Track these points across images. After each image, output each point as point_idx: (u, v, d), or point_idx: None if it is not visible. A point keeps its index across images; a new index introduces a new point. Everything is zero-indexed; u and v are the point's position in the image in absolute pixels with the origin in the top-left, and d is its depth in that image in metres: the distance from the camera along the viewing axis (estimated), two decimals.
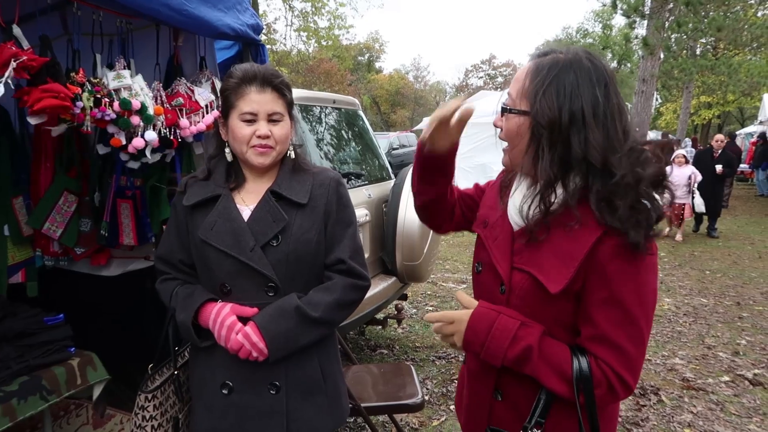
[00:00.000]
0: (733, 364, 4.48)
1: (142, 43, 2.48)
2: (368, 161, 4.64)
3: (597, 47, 37.06)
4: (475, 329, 1.26)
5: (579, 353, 1.21)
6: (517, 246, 1.29)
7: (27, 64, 1.76)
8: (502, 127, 1.30)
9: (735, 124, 36.04)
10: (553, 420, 1.25)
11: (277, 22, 28.29)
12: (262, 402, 1.58)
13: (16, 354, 2.03)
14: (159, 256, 1.74)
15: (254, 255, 1.53)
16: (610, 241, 1.14)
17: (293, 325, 1.53)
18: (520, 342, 1.20)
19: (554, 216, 1.20)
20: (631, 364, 1.17)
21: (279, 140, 1.57)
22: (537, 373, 1.21)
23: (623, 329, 1.16)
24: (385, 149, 15.96)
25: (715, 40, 15.43)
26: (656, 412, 3.67)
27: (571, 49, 1.23)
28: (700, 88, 21.54)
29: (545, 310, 1.24)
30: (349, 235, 1.66)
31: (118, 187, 2.62)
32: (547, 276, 1.20)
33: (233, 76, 1.57)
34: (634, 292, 1.15)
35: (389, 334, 5.07)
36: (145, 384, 1.69)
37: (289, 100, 1.62)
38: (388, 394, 2.70)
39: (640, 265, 1.15)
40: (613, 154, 1.15)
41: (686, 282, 7.13)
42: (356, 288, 1.64)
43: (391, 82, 42.30)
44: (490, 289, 1.35)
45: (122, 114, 2.07)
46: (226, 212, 1.57)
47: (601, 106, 1.16)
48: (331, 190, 1.65)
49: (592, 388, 1.17)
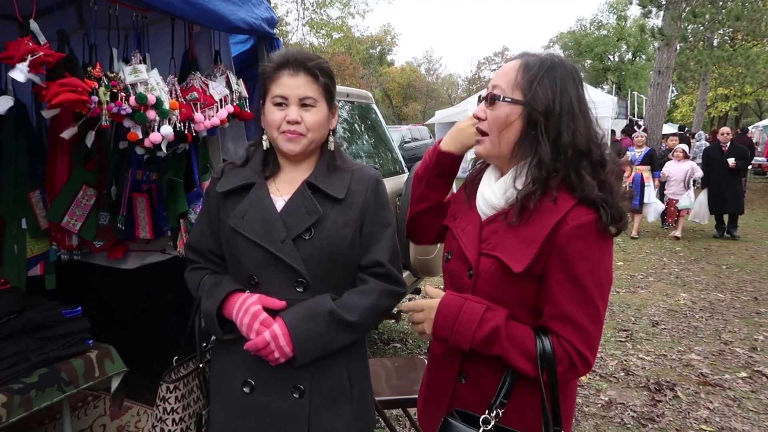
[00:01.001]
0: (750, 360, 4.43)
1: (157, 37, 2.49)
2: (381, 154, 4.63)
3: (612, 39, 36.82)
4: (444, 314, 1.35)
5: (542, 333, 1.30)
6: (485, 234, 1.38)
7: (44, 60, 1.78)
8: (486, 117, 1.37)
9: (753, 116, 35.53)
10: (516, 399, 1.33)
11: (289, 14, 28.24)
12: (284, 405, 1.50)
13: (35, 346, 2.06)
14: (189, 245, 1.69)
15: (285, 247, 1.46)
16: (571, 221, 1.24)
17: (324, 329, 1.44)
18: (487, 323, 1.29)
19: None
20: (589, 341, 1.28)
21: (310, 127, 1.49)
22: (504, 352, 1.29)
23: (581, 308, 1.26)
24: (397, 142, 15.90)
25: (732, 31, 15.17)
26: (672, 408, 3.64)
27: (551, 53, 1.40)
28: (717, 80, 21.22)
29: (510, 293, 1.33)
30: (387, 236, 1.57)
31: (134, 181, 2.64)
32: (512, 258, 1.29)
33: (271, 61, 1.53)
34: (590, 272, 1.25)
35: (402, 328, 5.07)
36: (168, 374, 1.63)
37: (326, 85, 1.52)
38: (402, 387, 2.70)
39: (597, 247, 1.26)
40: (591, 141, 1.31)
41: (702, 277, 7.05)
42: (393, 294, 1.56)
43: (403, 75, 42.10)
44: (459, 274, 1.43)
45: (138, 108, 2.08)
46: (258, 201, 1.51)
47: (582, 101, 1.33)
48: (370, 188, 1.57)
49: (555, 365, 1.27)
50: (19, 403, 1.89)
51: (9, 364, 1.96)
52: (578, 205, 1.26)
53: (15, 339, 2.05)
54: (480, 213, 1.42)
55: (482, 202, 1.42)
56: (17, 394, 1.88)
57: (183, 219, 2.56)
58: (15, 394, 1.88)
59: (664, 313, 5.63)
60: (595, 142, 1.32)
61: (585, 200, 1.25)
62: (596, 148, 1.31)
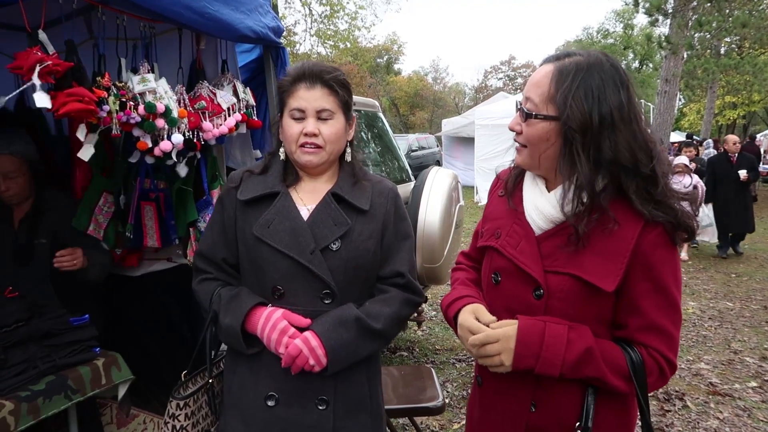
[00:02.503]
0: (760, 370, 4.38)
1: (165, 47, 2.51)
2: (388, 163, 4.64)
3: (618, 47, 36.80)
4: (525, 342, 1.23)
5: (627, 346, 1.25)
6: (545, 250, 1.29)
7: (52, 69, 1.79)
8: (522, 131, 1.29)
9: (761, 124, 35.36)
10: (601, 419, 1.27)
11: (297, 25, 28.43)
12: (309, 417, 1.48)
13: (42, 354, 2.07)
14: (200, 253, 1.64)
15: (314, 258, 1.44)
16: (650, 232, 1.20)
17: (354, 337, 1.44)
18: (576, 345, 1.21)
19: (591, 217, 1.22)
20: (675, 347, 1.26)
21: (328, 140, 1.49)
22: (600, 372, 1.21)
23: (668, 315, 1.23)
24: (404, 151, 15.98)
25: (740, 39, 15.12)
26: (681, 418, 3.60)
27: (590, 52, 1.25)
28: (724, 87, 21.16)
29: (588, 310, 1.26)
30: (407, 248, 1.59)
31: (142, 190, 2.66)
32: (594, 275, 1.22)
33: (289, 74, 1.53)
34: (673, 278, 1.23)
35: (409, 337, 5.05)
36: (177, 390, 1.59)
37: (342, 97, 1.53)
38: (409, 396, 2.69)
39: (675, 254, 1.24)
40: (640, 152, 1.19)
41: (711, 285, 7.00)
42: (412, 304, 1.57)
43: (410, 84, 42.22)
44: (519, 296, 1.32)
45: (147, 117, 2.09)
46: (285, 210, 1.49)
47: (626, 107, 1.19)
48: (390, 201, 1.58)
49: (646, 377, 1.22)
50: (27, 411, 1.89)
51: (16, 371, 1.97)
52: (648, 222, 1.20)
53: (23, 347, 2.06)
54: (534, 227, 1.32)
55: (536, 215, 1.32)
56: (24, 401, 1.89)
57: (192, 228, 2.57)
58: (22, 401, 1.88)
59: None
60: (645, 153, 1.20)
61: (651, 221, 1.20)
62: (646, 160, 1.20)
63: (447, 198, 3.95)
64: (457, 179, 4.39)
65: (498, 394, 1.40)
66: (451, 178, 4.17)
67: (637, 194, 1.20)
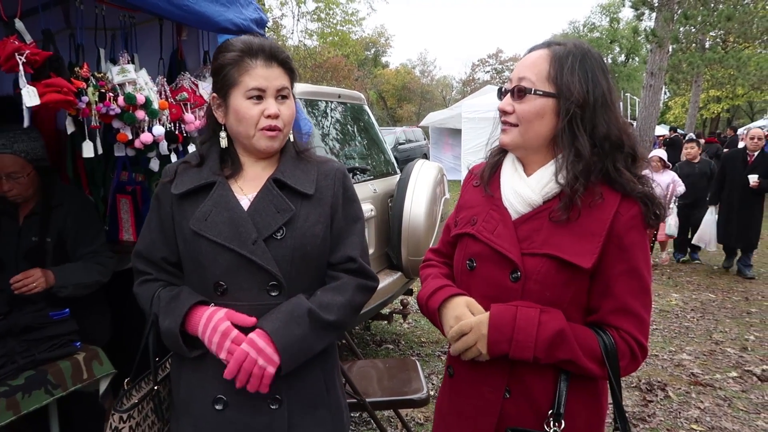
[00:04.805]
0: (741, 360, 4.45)
1: (146, 37, 2.48)
2: (374, 156, 4.63)
3: (605, 41, 36.95)
4: (497, 326, 1.25)
5: (599, 330, 1.27)
6: (522, 233, 1.31)
7: (30, 59, 1.76)
8: (514, 110, 1.31)
9: (744, 118, 35.75)
10: (572, 404, 1.29)
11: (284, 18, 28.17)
12: (261, 418, 1.40)
13: (21, 348, 2.04)
14: (138, 253, 1.52)
15: (257, 248, 1.35)
16: (626, 213, 1.24)
17: (307, 331, 1.36)
18: (548, 326, 1.22)
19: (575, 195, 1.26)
20: (646, 330, 1.28)
21: (287, 121, 1.42)
22: (573, 355, 1.23)
23: (639, 298, 1.26)
24: (392, 144, 15.96)
25: (724, 33, 15.25)
26: (663, 408, 3.65)
27: (575, 41, 1.33)
28: (709, 81, 21.35)
29: (565, 292, 1.27)
30: (357, 231, 1.52)
31: (118, 183, 2.63)
32: (571, 254, 1.24)
33: (232, 48, 1.38)
34: (644, 261, 1.27)
35: (395, 329, 5.07)
36: (119, 402, 1.48)
37: (294, 75, 1.45)
38: (394, 389, 2.70)
39: (646, 237, 1.27)
40: (623, 133, 1.29)
41: (694, 277, 7.08)
42: (366, 289, 1.51)
43: (398, 77, 42.11)
44: (496, 280, 1.32)
45: (127, 109, 2.07)
46: (222, 201, 1.39)
47: (612, 92, 1.30)
48: (338, 182, 1.50)
49: (618, 361, 1.24)
50: (6, 406, 1.87)
51: None
52: (625, 198, 1.25)
53: (1, 341, 2.04)
54: (511, 211, 1.34)
55: (515, 198, 1.34)
56: (3, 397, 1.86)
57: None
58: (1, 397, 1.86)
59: (655, 313, 5.64)
60: (627, 134, 1.30)
61: (628, 195, 1.25)
62: (627, 140, 1.29)
63: (432, 191, 3.96)
64: (442, 172, 4.40)
65: (471, 383, 1.39)
66: (436, 171, 4.18)
67: (621, 167, 1.26)
